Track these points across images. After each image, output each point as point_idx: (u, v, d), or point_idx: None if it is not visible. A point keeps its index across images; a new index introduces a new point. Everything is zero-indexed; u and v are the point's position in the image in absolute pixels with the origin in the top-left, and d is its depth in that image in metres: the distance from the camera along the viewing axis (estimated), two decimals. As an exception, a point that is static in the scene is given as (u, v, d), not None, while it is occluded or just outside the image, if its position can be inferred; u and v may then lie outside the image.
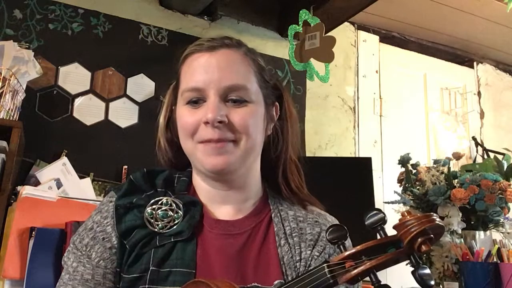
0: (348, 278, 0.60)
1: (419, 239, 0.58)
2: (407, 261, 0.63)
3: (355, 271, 0.60)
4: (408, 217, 0.60)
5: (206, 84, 0.80)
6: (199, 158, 0.81)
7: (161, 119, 0.92)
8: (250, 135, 0.80)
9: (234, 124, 0.79)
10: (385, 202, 1.95)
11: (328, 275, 0.60)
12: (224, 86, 0.80)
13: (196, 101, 0.81)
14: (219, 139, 0.78)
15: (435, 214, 0.61)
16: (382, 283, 0.59)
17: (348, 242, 0.83)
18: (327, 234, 0.64)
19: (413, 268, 0.59)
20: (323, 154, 2.64)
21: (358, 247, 0.61)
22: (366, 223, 0.62)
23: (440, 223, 0.60)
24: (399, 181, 2.02)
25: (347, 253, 0.61)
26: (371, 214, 0.62)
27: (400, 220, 0.61)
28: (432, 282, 0.59)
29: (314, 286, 0.61)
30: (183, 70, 0.85)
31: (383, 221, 0.61)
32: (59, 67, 2.09)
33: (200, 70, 0.81)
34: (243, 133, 0.80)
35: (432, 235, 0.59)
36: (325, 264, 0.61)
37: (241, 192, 0.85)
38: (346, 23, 2.71)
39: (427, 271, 0.59)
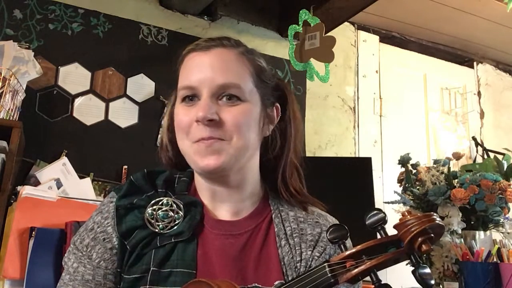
0: (348, 278, 0.60)
1: (420, 239, 0.59)
2: (408, 261, 0.63)
3: (356, 270, 0.60)
4: (408, 216, 0.60)
5: (200, 82, 0.80)
6: (192, 157, 0.81)
7: (165, 119, 0.93)
8: (242, 134, 0.80)
9: (225, 122, 0.79)
10: (385, 202, 1.95)
11: (329, 274, 0.60)
12: (217, 85, 0.80)
13: (191, 98, 0.81)
14: (210, 137, 0.78)
15: (435, 214, 0.61)
16: (382, 282, 0.59)
17: (348, 242, 0.83)
18: (327, 234, 0.64)
19: (413, 268, 0.60)
20: (323, 154, 2.64)
21: (359, 247, 0.61)
22: (366, 223, 0.62)
23: (440, 223, 0.60)
24: (399, 181, 2.02)
25: (347, 252, 0.62)
26: (372, 214, 0.62)
27: (400, 219, 0.61)
28: (432, 282, 0.59)
29: (315, 285, 0.61)
30: (180, 70, 0.86)
31: (384, 221, 0.62)
32: (59, 67, 2.09)
33: (195, 69, 0.82)
34: (234, 131, 0.79)
35: (432, 235, 0.59)
36: (326, 264, 0.61)
37: (239, 192, 0.85)
38: (346, 23, 2.71)
39: (427, 270, 0.59)
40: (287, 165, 0.89)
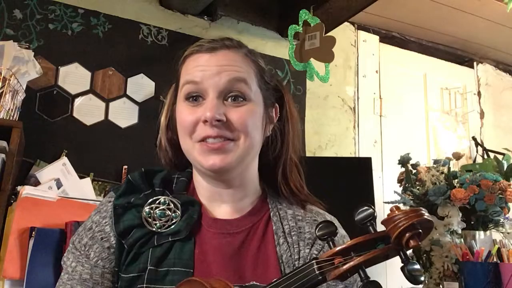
0: (337, 274, 0.59)
1: (407, 234, 0.57)
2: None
3: (344, 267, 0.59)
4: (396, 212, 0.59)
5: (205, 80, 0.80)
6: (196, 157, 0.81)
7: (162, 119, 0.92)
8: (249, 134, 0.80)
9: (232, 122, 0.79)
10: (385, 202, 1.95)
11: (317, 272, 0.60)
12: (224, 84, 0.80)
13: (196, 98, 0.81)
14: (218, 136, 0.78)
15: (423, 209, 0.59)
16: (371, 279, 0.58)
17: (347, 239, 0.83)
18: (316, 231, 0.64)
19: (402, 264, 0.58)
20: (323, 154, 2.64)
21: (347, 243, 0.61)
22: (355, 219, 0.61)
23: (429, 218, 0.59)
24: (399, 181, 2.02)
25: (336, 249, 0.61)
26: (361, 210, 0.61)
27: (388, 215, 0.60)
28: (422, 278, 0.58)
29: (303, 283, 0.60)
30: (183, 70, 0.85)
31: (373, 216, 0.61)
32: (59, 67, 2.09)
33: (200, 69, 0.81)
34: (241, 131, 0.80)
35: (420, 230, 0.58)
36: (314, 261, 0.61)
37: (239, 191, 0.85)
38: (346, 23, 2.71)
39: (417, 266, 0.58)
40: (287, 162, 0.89)
